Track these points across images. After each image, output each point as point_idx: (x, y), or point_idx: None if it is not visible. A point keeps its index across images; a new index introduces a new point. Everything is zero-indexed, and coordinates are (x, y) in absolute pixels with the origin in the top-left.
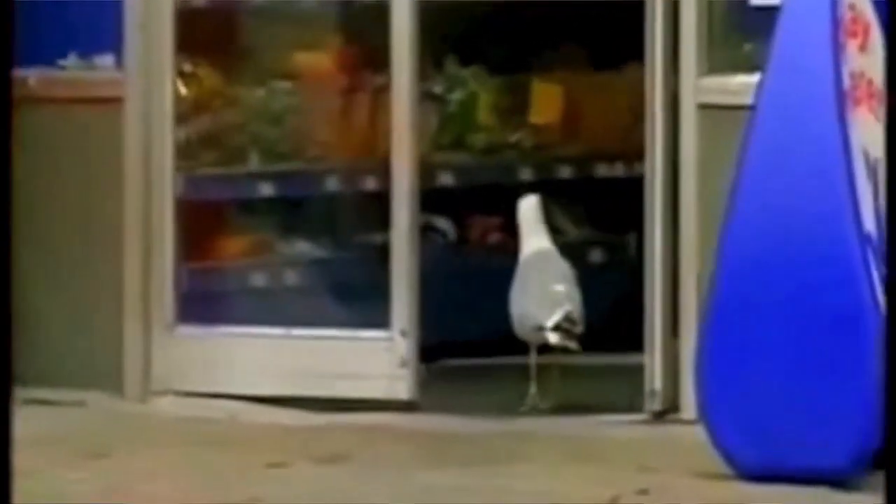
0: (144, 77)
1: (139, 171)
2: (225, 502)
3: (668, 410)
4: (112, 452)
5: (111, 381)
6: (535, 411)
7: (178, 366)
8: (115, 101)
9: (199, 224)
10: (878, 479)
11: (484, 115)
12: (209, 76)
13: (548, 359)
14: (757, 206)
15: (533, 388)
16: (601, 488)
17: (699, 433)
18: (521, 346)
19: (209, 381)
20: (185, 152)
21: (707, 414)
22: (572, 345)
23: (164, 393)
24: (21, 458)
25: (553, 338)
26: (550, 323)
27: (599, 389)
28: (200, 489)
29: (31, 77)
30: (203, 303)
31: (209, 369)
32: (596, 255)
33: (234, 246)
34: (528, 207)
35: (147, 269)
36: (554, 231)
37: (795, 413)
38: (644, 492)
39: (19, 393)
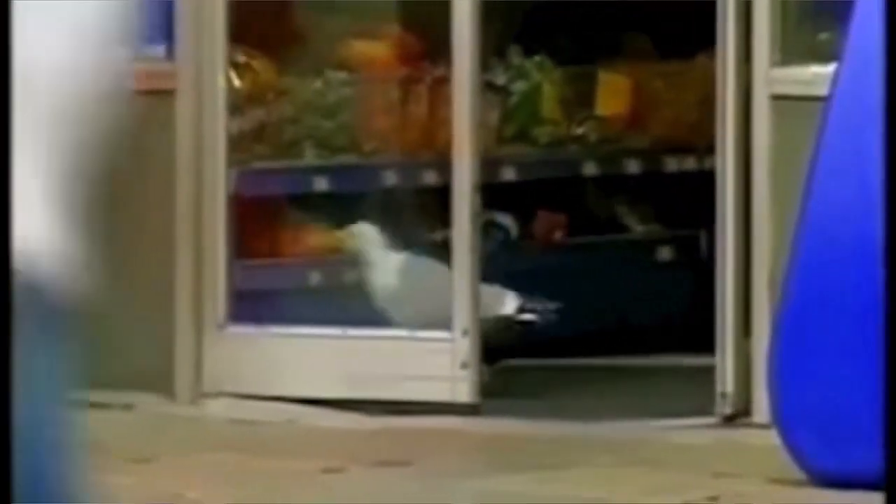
0: (196, 68)
1: (191, 165)
2: None
3: (740, 414)
4: (160, 457)
5: (161, 382)
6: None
7: (231, 367)
8: (167, 93)
9: (253, 220)
10: None
11: (548, 106)
12: (263, 67)
13: (622, 361)
14: (832, 202)
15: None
16: (670, 495)
17: (772, 437)
18: (586, 347)
19: (263, 383)
20: (238, 145)
21: (780, 417)
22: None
23: (216, 395)
24: None
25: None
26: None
27: (668, 392)
28: (252, 495)
29: None
30: (257, 301)
31: (263, 371)
32: (664, 253)
33: (288, 242)
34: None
35: (199, 266)
36: (620, 228)
37: (872, 416)
38: (715, 498)
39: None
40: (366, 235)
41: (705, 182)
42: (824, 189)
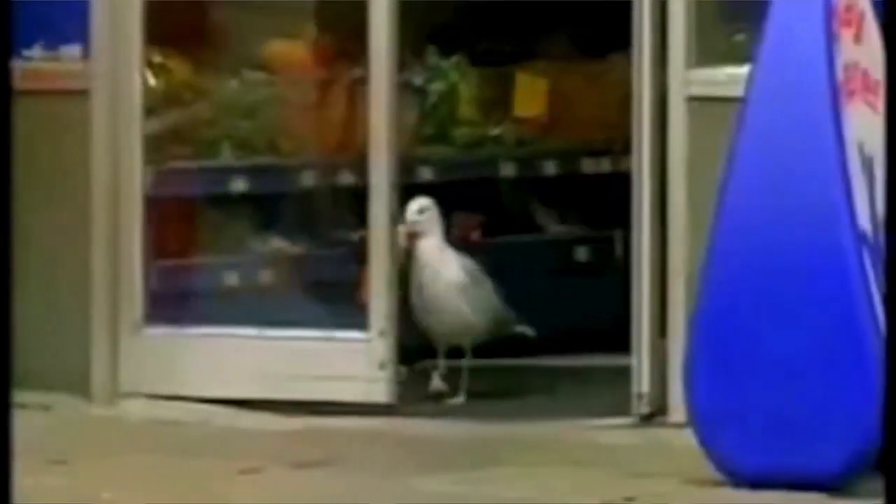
0: (112, 68)
1: (107, 165)
2: None
3: (657, 414)
4: (76, 458)
5: (77, 383)
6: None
7: (148, 368)
8: (82, 93)
9: (169, 220)
10: (875, 484)
11: (465, 107)
12: (179, 67)
13: (539, 361)
14: (747, 202)
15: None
16: (588, 495)
17: (689, 437)
18: (503, 348)
19: (180, 384)
20: (154, 146)
21: (697, 417)
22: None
23: (133, 396)
24: None
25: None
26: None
27: (585, 392)
28: (169, 496)
29: None
30: (173, 302)
31: (180, 371)
32: (581, 254)
33: (205, 243)
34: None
35: (115, 267)
36: (537, 228)
37: (789, 416)
38: (632, 499)
39: None
40: (432, 210)
41: (622, 183)
42: (739, 190)
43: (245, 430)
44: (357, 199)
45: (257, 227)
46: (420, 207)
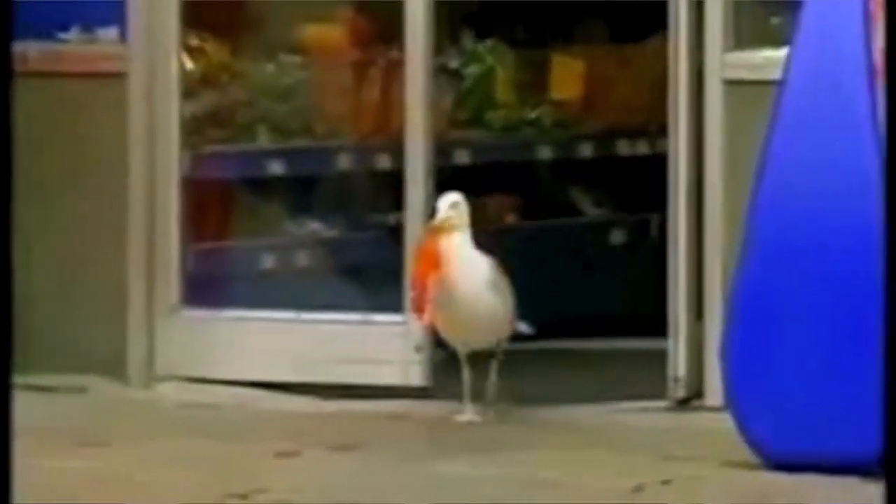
0: (149, 51)
1: (143, 148)
2: (230, 493)
3: (693, 397)
4: (112, 441)
5: (114, 366)
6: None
7: (184, 351)
8: (119, 76)
9: (206, 203)
10: None
11: (502, 90)
12: (216, 50)
13: (574, 344)
14: (784, 185)
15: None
16: (623, 478)
17: (725, 421)
18: (539, 331)
19: (216, 367)
20: (191, 129)
21: (733, 401)
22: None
23: (169, 379)
24: (15, 446)
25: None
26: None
27: (621, 375)
28: (204, 479)
29: (30, 51)
30: (209, 285)
31: (216, 354)
32: (617, 236)
33: (241, 226)
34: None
35: (151, 250)
36: (574, 211)
37: (826, 400)
38: (668, 482)
39: (18, 379)
40: (463, 205)
41: (658, 165)
42: (776, 172)
43: (281, 414)
44: (393, 182)
45: (293, 210)
46: (452, 202)
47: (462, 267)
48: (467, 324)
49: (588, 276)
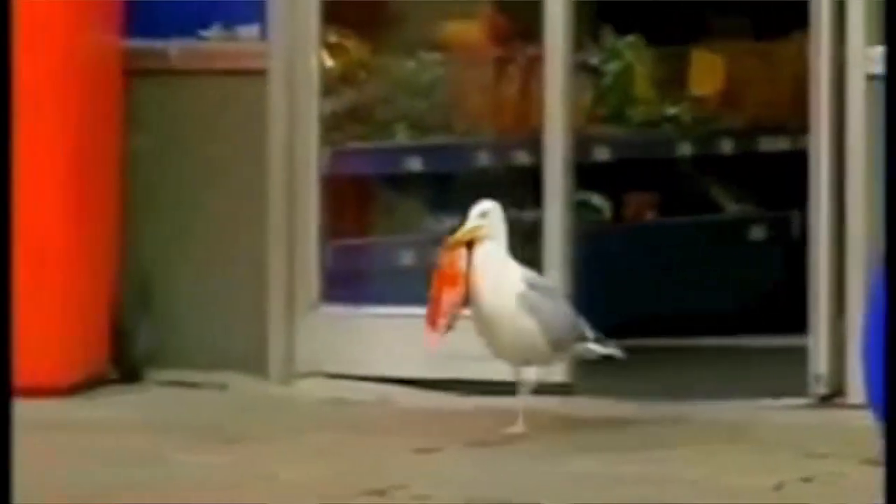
0: (289, 48)
1: (283, 145)
2: (369, 489)
3: (834, 394)
4: (253, 437)
5: (254, 362)
6: None
7: (324, 347)
8: (259, 74)
9: (345, 200)
10: None
11: (641, 86)
12: (356, 47)
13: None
14: None
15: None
16: (764, 476)
17: (866, 418)
18: (679, 327)
19: (355, 363)
20: (330, 126)
21: (875, 398)
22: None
23: (309, 375)
24: (156, 442)
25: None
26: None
27: (762, 373)
28: (343, 475)
29: (171, 48)
30: (349, 281)
31: (355, 350)
32: (757, 233)
33: (380, 223)
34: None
35: (291, 247)
36: (714, 208)
37: None
38: (809, 479)
39: (160, 375)
40: (496, 214)
41: (799, 161)
42: None
43: (420, 410)
44: (531, 179)
45: (431, 207)
46: (483, 211)
47: (489, 279)
48: (492, 340)
49: (728, 273)
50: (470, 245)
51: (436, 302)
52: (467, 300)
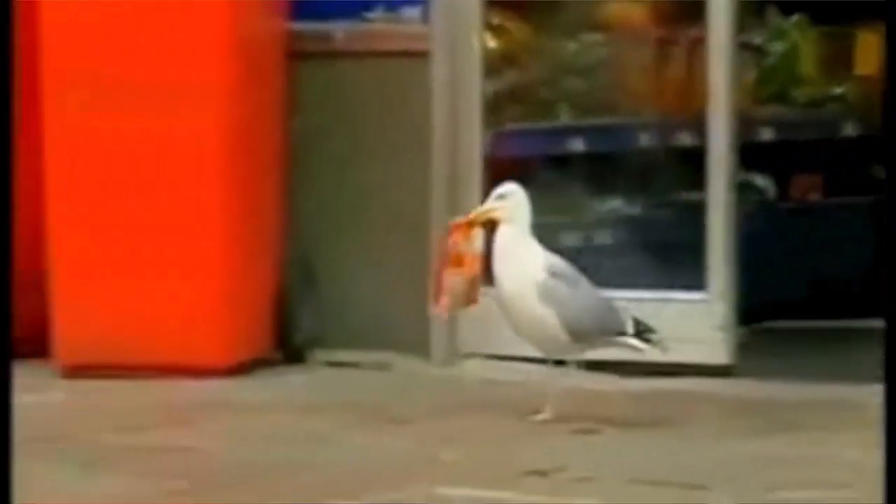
0: (451, 29)
1: (446, 126)
2: (531, 470)
3: None
4: (413, 418)
5: (416, 343)
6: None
7: (487, 328)
8: (422, 55)
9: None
10: None
11: (806, 66)
12: (518, 28)
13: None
14: None
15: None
16: None
17: None
18: (842, 308)
19: (519, 345)
20: (492, 107)
21: None
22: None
23: (471, 356)
24: (320, 423)
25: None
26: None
27: None
28: (505, 456)
29: (336, 30)
30: None
31: None
32: None
33: (542, 203)
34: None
35: None
36: (878, 188)
37: None
38: None
39: (323, 356)
40: (516, 197)
41: None
42: None
43: (582, 391)
44: (695, 160)
45: (594, 188)
46: (502, 193)
47: (508, 265)
48: (512, 326)
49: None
50: (492, 227)
51: (437, 280)
52: (489, 281)
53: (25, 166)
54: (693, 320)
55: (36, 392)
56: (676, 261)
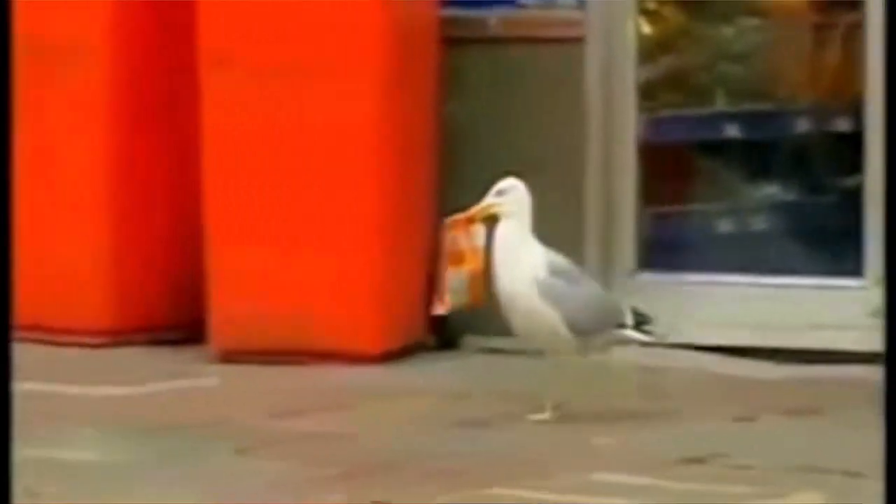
0: (606, 16)
1: (600, 112)
2: (688, 457)
3: None
4: (566, 404)
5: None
6: None
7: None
8: (576, 41)
9: (662, 167)
10: None
11: None
12: (674, 14)
13: None
14: None
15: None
16: None
17: None
18: None
19: (673, 331)
20: (647, 93)
21: None
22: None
23: (626, 342)
24: (472, 409)
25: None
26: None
27: None
28: (660, 443)
29: (491, 17)
30: (666, 249)
31: (673, 318)
32: None
33: (698, 190)
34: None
35: (608, 214)
36: None
37: None
38: None
39: (476, 342)
40: (517, 193)
41: None
42: None
43: (738, 378)
44: (852, 145)
45: (750, 174)
46: (501, 188)
47: (507, 262)
48: (512, 322)
49: None
50: (493, 223)
51: (439, 278)
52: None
53: (183, 151)
54: (849, 307)
55: (191, 377)
56: (832, 247)
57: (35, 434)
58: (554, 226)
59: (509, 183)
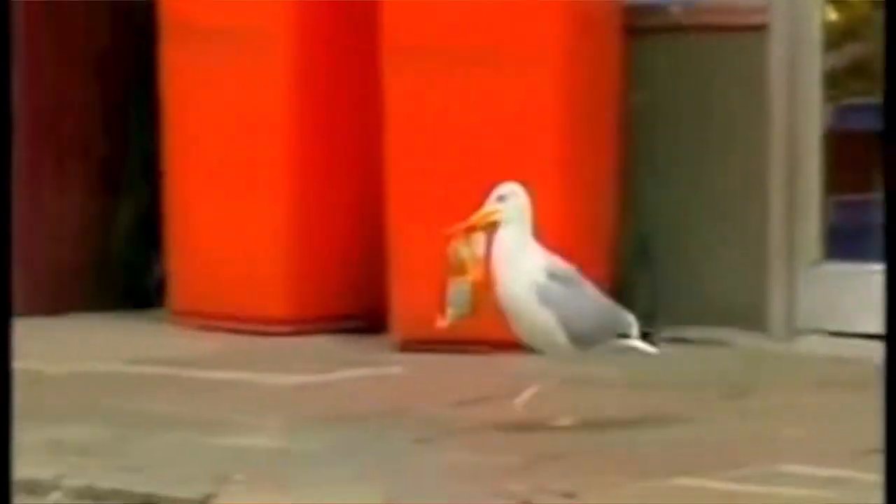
0: (792, 3)
1: (784, 100)
2: (869, 449)
3: None
4: (754, 393)
5: (755, 318)
6: None
7: (825, 304)
8: (761, 29)
9: (847, 155)
10: None
11: None
12: (860, 1)
13: None
14: None
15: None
16: None
17: None
18: None
19: (858, 321)
20: (833, 81)
21: None
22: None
23: (810, 332)
24: (659, 399)
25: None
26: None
27: None
28: (844, 434)
29: (674, 5)
30: (852, 238)
31: (858, 308)
32: None
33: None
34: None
35: (792, 203)
36: None
37: None
38: None
39: (662, 331)
40: (517, 198)
41: None
42: None
43: None
44: None
45: None
46: (502, 194)
47: (506, 268)
48: (512, 327)
49: None
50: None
51: (441, 291)
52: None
53: (364, 141)
54: None
55: (373, 366)
56: None
57: (224, 421)
58: (738, 213)
59: (509, 188)
